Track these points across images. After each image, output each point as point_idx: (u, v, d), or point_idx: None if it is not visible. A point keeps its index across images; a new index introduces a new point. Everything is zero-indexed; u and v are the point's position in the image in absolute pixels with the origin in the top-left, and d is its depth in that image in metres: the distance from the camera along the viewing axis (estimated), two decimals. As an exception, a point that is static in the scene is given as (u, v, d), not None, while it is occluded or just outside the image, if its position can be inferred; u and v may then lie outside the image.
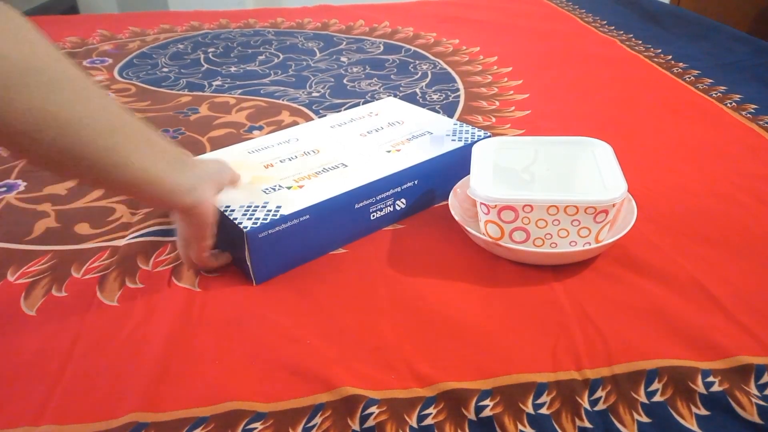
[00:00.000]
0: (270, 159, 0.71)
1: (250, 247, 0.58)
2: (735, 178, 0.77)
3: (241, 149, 0.74)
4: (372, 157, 0.70)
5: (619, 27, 1.46)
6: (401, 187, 0.68)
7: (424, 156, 0.70)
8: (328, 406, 0.47)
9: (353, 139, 0.75)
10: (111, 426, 0.46)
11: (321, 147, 0.73)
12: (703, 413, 0.45)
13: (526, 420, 0.46)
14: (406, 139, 0.74)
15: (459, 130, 0.77)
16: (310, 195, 0.62)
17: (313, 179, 0.65)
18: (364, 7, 1.74)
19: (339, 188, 0.63)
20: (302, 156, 0.71)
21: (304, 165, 0.69)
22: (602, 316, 0.55)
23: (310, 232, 0.62)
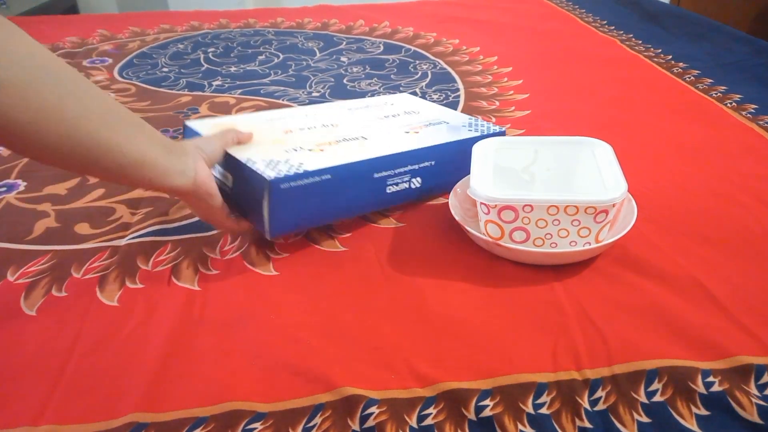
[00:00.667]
0: (289, 127, 0.72)
1: (271, 197, 0.57)
2: (735, 178, 0.77)
3: (261, 117, 0.75)
4: (391, 134, 0.71)
5: (619, 27, 1.45)
6: (419, 165, 0.68)
7: (441, 139, 0.71)
8: (328, 406, 0.47)
9: (371, 120, 0.76)
10: (111, 426, 0.46)
11: (339, 122, 0.75)
12: (703, 413, 0.45)
13: (526, 420, 0.46)
14: (423, 125, 0.75)
15: (474, 123, 0.78)
16: (331, 158, 0.62)
17: (334, 146, 0.66)
18: (364, 7, 1.74)
19: (359, 155, 0.64)
20: (321, 127, 0.72)
21: (323, 135, 0.69)
22: (602, 316, 0.55)
23: (329, 193, 0.62)
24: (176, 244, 0.67)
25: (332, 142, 0.67)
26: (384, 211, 0.72)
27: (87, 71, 1.28)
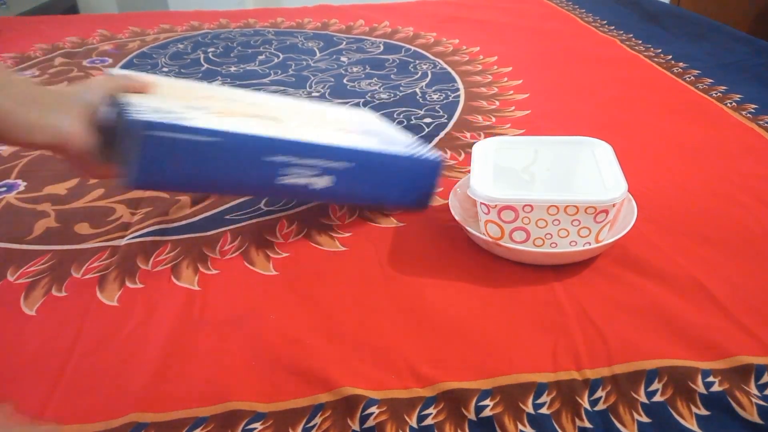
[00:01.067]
0: (215, 95, 0.66)
1: (143, 143, 0.51)
2: (735, 178, 0.77)
3: (199, 84, 0.72)
4: (312, 125, 0.63)
5: (619, 27, 1.45)
6: (332, 163, 0.60)
7: (365, 145, 0.64)
8: (328, 406, 0.47)
9: (309, 114, 0.69)
10: (111, 426, 0.46)
11: (270, 106, 0.67)
12: (703, 413, 0.45)
13: (526, 420, 0.46)
14: (360, 130, 0.68)
15: (415, 144, 0.70)
16: (222, 124, 0.56)
17: (238, 118, 0.59)
18: (364, 7, 1.73)
19: (253, 131, 0.57)
20: (246, 105, 0.65)
21: (239, 107, 0.63)
22: (602, 316, 0.55)
23: (207, 159, 0.55)
24: (176, 244, 0.67)
25: (239, 114, 0.60)
26: (385, 210, 0.72)
27: (87, 71, 1.28)
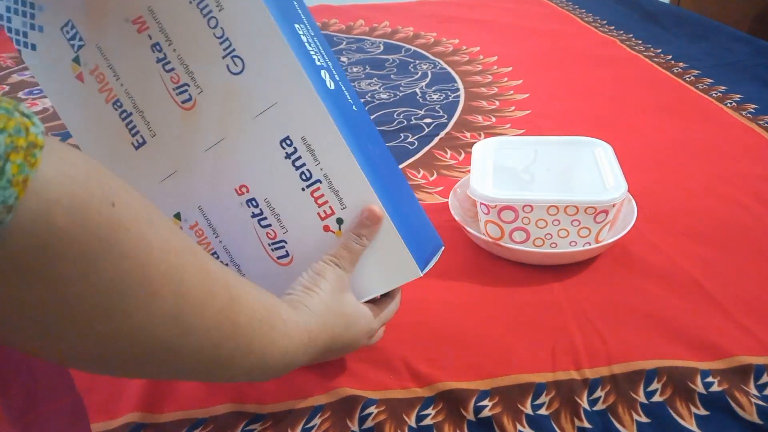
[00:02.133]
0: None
1: None
2: (735, 178, 0.77)
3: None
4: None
5: (619, 27, 1.45)
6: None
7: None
8: (327, 407, 0.47)
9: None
10: (110, 426, 0.46)
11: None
12: (703, 413, 0.45)
13: (525, 420, 0.45)
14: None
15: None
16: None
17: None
18: (364, 7, 1.73)
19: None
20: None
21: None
22: (602, 316, 0.55)
23: None
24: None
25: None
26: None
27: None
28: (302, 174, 0.42)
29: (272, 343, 0.35)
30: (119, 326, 0.26)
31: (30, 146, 0.22)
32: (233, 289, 0.32)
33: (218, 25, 0.39)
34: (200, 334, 0.30)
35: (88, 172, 0.24)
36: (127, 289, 0.26)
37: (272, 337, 0.35)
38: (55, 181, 0.23)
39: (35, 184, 0.22)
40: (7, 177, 0.21)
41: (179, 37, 0.40)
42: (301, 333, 0.38)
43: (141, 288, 0.26)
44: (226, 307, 0.31)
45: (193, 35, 0.39)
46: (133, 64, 0.42)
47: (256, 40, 0.39)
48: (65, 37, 0.42)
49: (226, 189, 0.43)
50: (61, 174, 0.23)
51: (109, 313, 0.26)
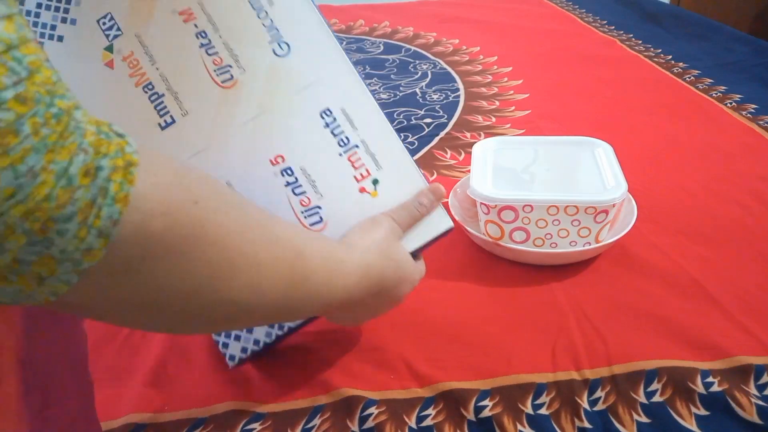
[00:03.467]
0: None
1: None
2: (735, 178, 0.77)
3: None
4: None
5: (619, 27, 1.45)
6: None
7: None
8: (327, 408, 0.47)
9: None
10: (111, 427, 0.46)
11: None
12: (703, 413, 0.45)
13: (525, 420, 0.45)
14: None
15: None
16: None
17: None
18: (364, 7, 1.73)
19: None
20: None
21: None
22: (602, 317, 0.55)
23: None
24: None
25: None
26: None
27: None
28: (340, 141, 0.46)
29: (335, 284, 0.39)
30: (208, 302, 0.31)
31: (127, 165, 0.25)
32: (298, 245, 0.36)
33: (268, 16, 0.45)
34: (274, 294, 0.34)
35: (172, 178, 0.28)
36: (213, 272, 0.30)
37: (335, 279, 0.39)
38: (147, 193, 0.25)
39: (134, 199, 0.25)
40: (111, 195, 0.24)
41: (226, 25, 0.44)
42: (357, 268, 0.41)
43: (224, 268, 0.30)
44: (294, 264, 0.35)
45: (242, 25, 0.44)
46: (172, 49, 0.45)
47: (302, 28, 0.46)
48: (101, 28, 0.45)
49: (261, 160, 0.45)
50: (152, 185, 0.26)
51: (200, 293, 0.30)
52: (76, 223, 0.23)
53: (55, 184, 0.22)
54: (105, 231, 0.24)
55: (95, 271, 0.24)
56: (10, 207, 0.21)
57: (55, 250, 0.23)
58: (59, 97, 0.23)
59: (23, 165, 0.21)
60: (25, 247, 0.22)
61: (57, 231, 0.22)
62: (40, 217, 0.22)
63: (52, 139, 0.22)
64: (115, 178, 0.24)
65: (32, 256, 0.22)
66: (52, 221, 0.22)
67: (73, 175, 0.22)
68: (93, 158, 0.23)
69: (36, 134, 0.21)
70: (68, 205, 0.22)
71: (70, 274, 0.24)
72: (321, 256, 0.38)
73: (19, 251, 0.22)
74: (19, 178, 0.21)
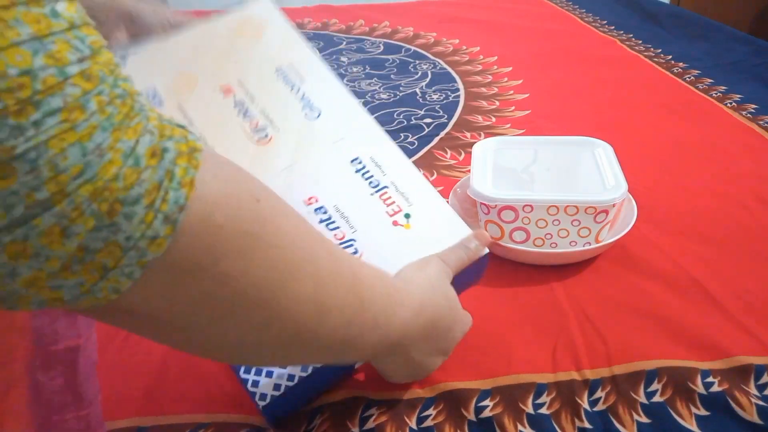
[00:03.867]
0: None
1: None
2: (735, 178, 0.77)
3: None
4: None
5: (619, 27, 1.45)
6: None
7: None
8: (327, 409, 0.47)
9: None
10: (113, 427, 0.46)
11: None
12: (703, 413, 0.45)
13: (525, 420, 0.46)
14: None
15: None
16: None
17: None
18: (364, 7, 1.73)
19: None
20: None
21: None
22: (602, 317, 0.55)
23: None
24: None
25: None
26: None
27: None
28: (371, 182, 0.48)
29: (394, 314, 0.37)
30: (270, 313, 0.28)
31: (191, 150, 0.24)
32: (355, 267, 0.34)
33: (300, 90, 0.50)
34: (335, 313, 0.32)
35: (234, 173, 0.27)
36: (275, 277, 0.28)
37: (393, 309, 0.37)
38: (211, 183, 0.24)
39: (198, 185, 0.24)
40: (177, 179, 0.23)
41: (264, 97, 0.49)
42: (413, 301, 0.39)
43: (286, 275, 0.28)
44: (353, 285, 0.33)
45: (277, 97, 0.49)
46: (211, 116, 0.48)
47: (330, 96, 0.50)
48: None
49: (295, 201, 0.46)
50: (215, 176, 0.25)
51: (262, 301, 0.28)
52: (143, 206, 0.22)
53: (123, 164, 0.21)
54: (171, 216, 0.22)
55: (159, 265, 0.23)
56: (78, 186, 0.20)
57: (122, 236, 0.21)
58: (122, 80, 0.22)
59: (91, 142, 0.20)
60: (92, 232, 0.21)
61: (124, 214, 0.21)
62: (108, 197, 0.21)
63: (119, 118, 0.21)
64: (180, 162, 0.23)
65: (98, 242, 0.21)
66: (119, 203, 0.21)
67: (140, 156, 0.22)
68: (159, 140, 0.23)
69: (102, 112, 0.21)
70: (135, 185, 0.21)
71: (134, 267, 0.22)
72: (378, 283, 0.36)
73: (86, 236, 0.21)
74: (87, 155, 0.20)
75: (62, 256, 0.21)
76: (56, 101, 0.20)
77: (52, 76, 0.20)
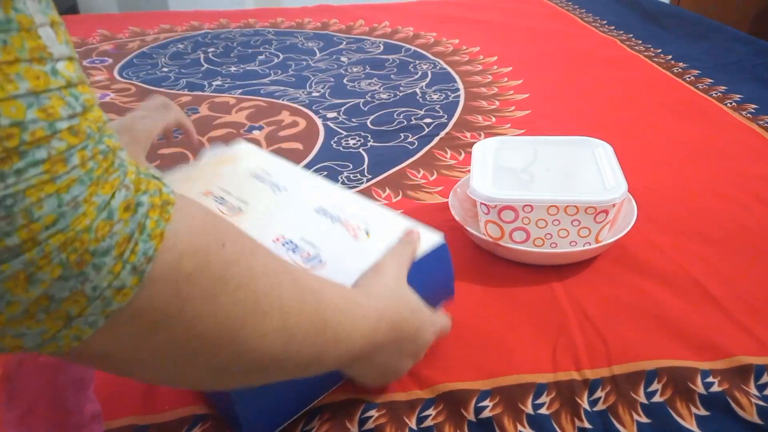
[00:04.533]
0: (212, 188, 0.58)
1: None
2: (735, 178, 0.77)
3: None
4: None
5: (619, 27, 1.45)
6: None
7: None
8: (326, 410, 0.47)
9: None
10: (111, 426, 0.46)
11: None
12: (703, 413, 0.45)
13: (525, 420, 0.45)
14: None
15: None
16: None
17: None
18: (364, 7, 1.73)
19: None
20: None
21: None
22: (602, 317, 0.55)
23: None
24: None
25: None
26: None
27: (87, 71, 1.28)
28: (331, 218, 0.53)
29: (355, 328, 0.38)
30: (239, 349, 0.29)
31: (164, 203, 0.25)
32: (317, 291, 0.35)
33: (268, 180, 0.59)
34: (300, 338, 0.33)
35: (204, 221, 0.28)
36: (243, 315, 0.29)
37: (354, 323, 0.38)
38: (181, 233, 0.25)
39: (168, 237, 0.25)
40: (147, 231, 0.24)
41: (238, 190, 0.58)
42: (374, 311, 0.40)
43: (254, 312, 0.29)
44: (316, 309, 0.34)
45: (250, 188, 0.58)
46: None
47: (290, 176, 0.60)
48: None
49: (263, 240, 0.50)
50: (185, 226, 0.26)
51: (231, 340, 0.29)
52: (112, 258, 0.23)
53: (96, 216, 0.22)
54: (139, 267, 0.23)
55: (124, 314, 0.24)
56: (49, 235, 0.21)
57: (88, 286, 0.22)
58: (107, 136, 0.23)
59: (68, 194, 0.21)
60: (58, 281, 0.22)
61: (93, 265, 0.22)
62: (78, 248, 0.22)
63: (98, 172, 0.22)
64: (152, 215, 0.24)
65: (64, 291, 0.22)
66: (89, 254, 0.22)
67: (114, 209, 0.23)
68: (134, 194, 0.24)
69: (83, 166, 0.22)
70: (107, 237, 0.22)
71: (98, 315, 0.23)
72: (340, 300, 0.37)
73: (52, 285, 0.21)
74: (62, 206, 0.21)
75: (24, 302, 0.21)
76: (41, 153, 0.21)
77: (41, 129, 0.21)
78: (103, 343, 0.25)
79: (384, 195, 0.77)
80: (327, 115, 1.03)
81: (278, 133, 0.97)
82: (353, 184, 0.80)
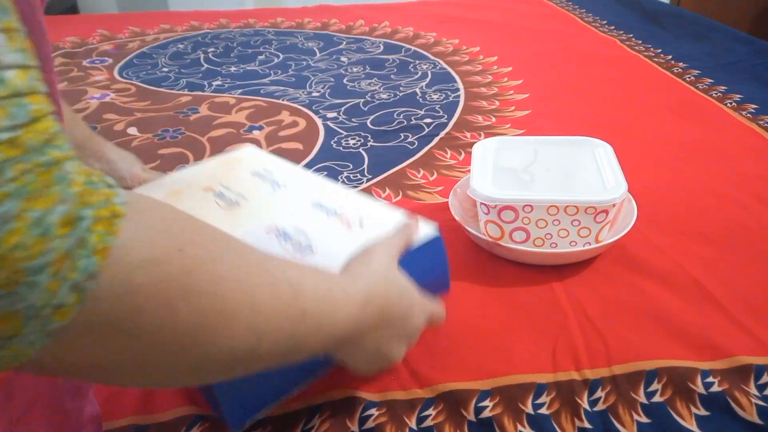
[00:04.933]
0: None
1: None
2: (735, 178, 0.77)
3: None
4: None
5: (619, 27, 1.45)
6: None
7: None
8: (326, 408, 0.47)
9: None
10: (111, 427, 0.46)
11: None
12: (703, 413, 0.45)
13: (525, 420, 0.45)
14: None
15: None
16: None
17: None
18: (364, 7, 1.73)
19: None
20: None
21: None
22: (602, 317, 0.55)
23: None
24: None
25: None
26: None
27: (87, 71, 1.28)
28: (327, 212, 0.54)
29: (337, 315, 0.37)
30: (205, 353, 0.28)
31: (112, 216, 0.24)
32: (295, 281, 0.34)
33: (269, 178, 0.60)
34: (274, 333, 0.32)
35: (159, 226, 0.26)
36: (207, 322, 0.28)
37: (336, 310, 0.37)
38: (132, 244, 0.24)
39: (115, 251, 0.23)
40: (90, 246, 0.22)
41: (238, 186, 0.58)
42: (360, 296, 0.39)
43: (220, 317, 0.28)
44: (292, 301, 0.33)
45: (249, 185, 0.59)
46: (194, 202, 0.57)
47: (292, 175, 0.61)
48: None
49: (257, 232, 0.52)
50: (136, 237, 0.25)
51: (195, 346, 0.28)
52: (47, 276, 0.21)
53: (28, 233, 0.21)
54: (80, 285, 0.22)
55: (68, 331, 0.23)
56: None
57: (22, 305, 0.21)
58: (53, 148, 0.22)
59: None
60: None
61: (26, 283, 0.21)
62: (8, 266, 0.20)
63: (34, 186, 0.21)
64: (96, 228, 0.23)
65: None
66: (21, 272, 0.21)
67: (49, 225, 0.21)
68: (75, 208, 0.22)
69: (18, 180, 0.21)
70: (40, 255, 0.21)
71: (37, 334, 0.22)
72: (322, 287, 0.36)
73: None
74: None
75: None
76: None
77: None
78: (57, 357, 0.24)
79: (384, 195, 0.77)
80: (327, 115, 1.03)
81: (278, 133, 0.97)
82: (353, 184, 0.80)
